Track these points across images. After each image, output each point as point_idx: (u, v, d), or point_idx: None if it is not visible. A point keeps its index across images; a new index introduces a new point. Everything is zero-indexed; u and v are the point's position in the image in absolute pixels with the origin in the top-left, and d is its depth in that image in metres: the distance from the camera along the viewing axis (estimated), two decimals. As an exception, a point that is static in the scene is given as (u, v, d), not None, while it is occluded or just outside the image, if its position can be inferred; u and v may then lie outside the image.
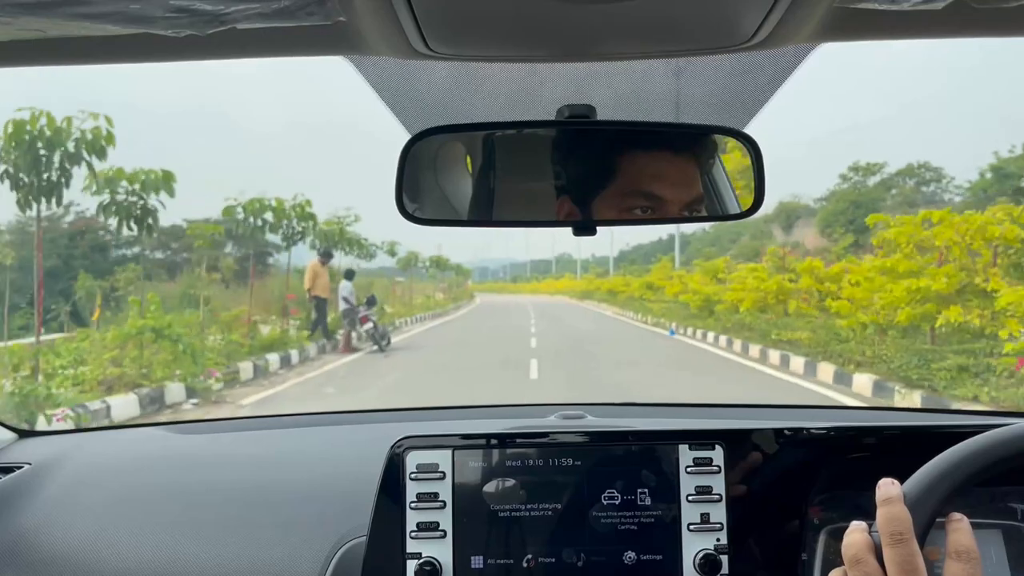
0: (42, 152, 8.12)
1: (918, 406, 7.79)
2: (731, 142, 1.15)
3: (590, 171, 1.11)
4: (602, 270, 69.76)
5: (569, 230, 1.11)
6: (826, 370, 10.30)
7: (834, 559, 1.16)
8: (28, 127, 8.05)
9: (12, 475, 1.43)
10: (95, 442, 1.66)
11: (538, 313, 31.83)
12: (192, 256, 17.30)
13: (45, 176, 8.21)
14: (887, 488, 0.81)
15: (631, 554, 1.14)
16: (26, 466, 1.45)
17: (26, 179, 8.15)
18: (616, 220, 1.10)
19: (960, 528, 0.78)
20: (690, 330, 18.83)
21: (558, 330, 21.59)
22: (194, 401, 8.94)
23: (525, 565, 1.13)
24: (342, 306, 14.60)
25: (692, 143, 1.17)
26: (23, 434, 1.63)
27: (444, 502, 1.14)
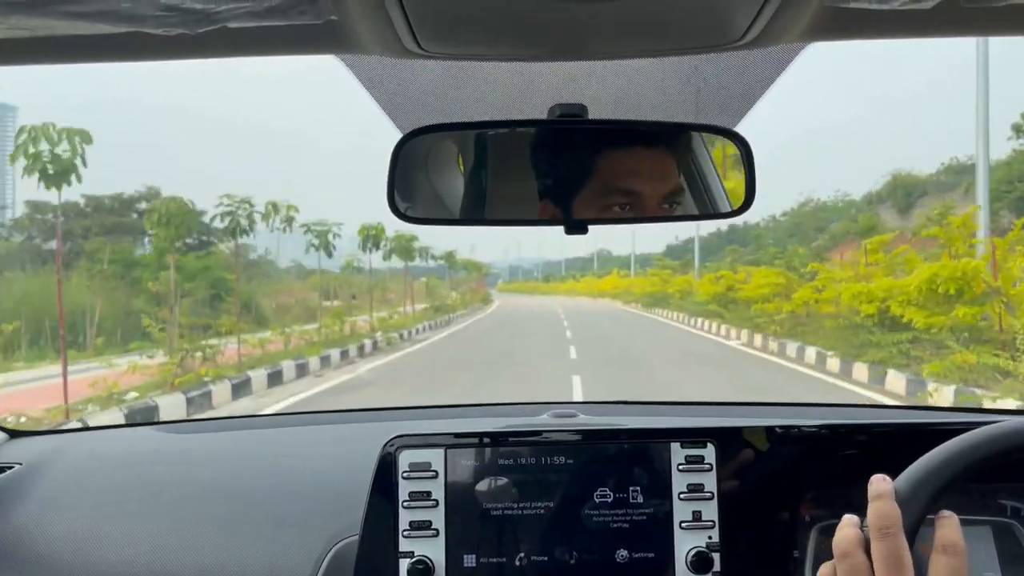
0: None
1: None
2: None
3: (579, 170, 1.11)
4: (677, 262, 44.47)
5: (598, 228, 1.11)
6: None
7: (825, 556, 1.15)
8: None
9: (3, 475, 1.42)
10: (86, 441, 1.65)
11: (588, 353, 15.15)
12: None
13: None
14: (878, 484, 0.82)
15: (623, 552, 1.14)
16: (17, 466, 1.45)
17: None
18: (599, 219, 1.11)
19: (948, 524, 0.79)
20: None
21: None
22: None
23: (518, 563, 1.14)
24: None
25: (670, 139, 1.17)
26: (14, 434, 1.62)
27: (437, 501, 1.14)
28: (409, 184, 1.11)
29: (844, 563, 0.79)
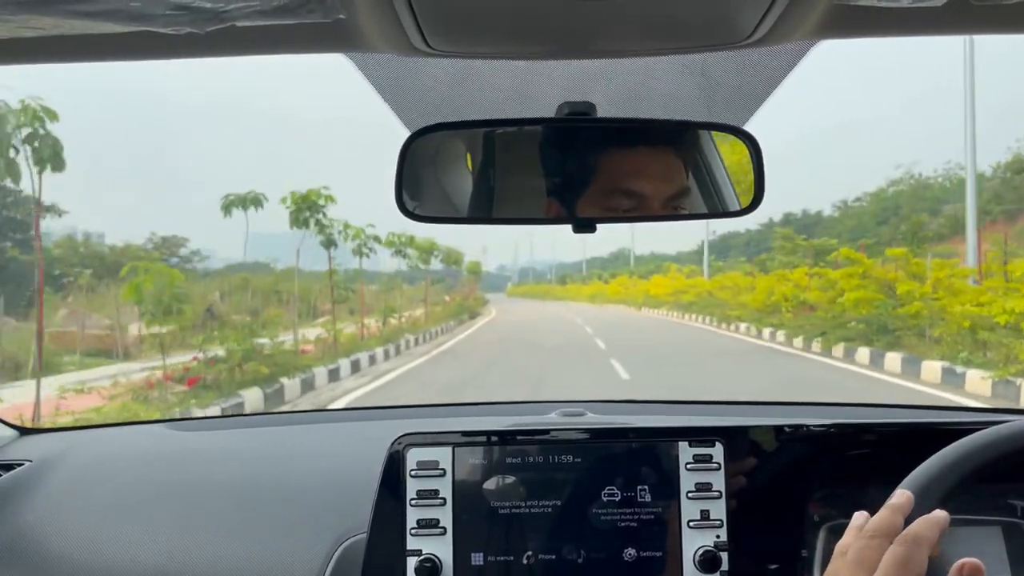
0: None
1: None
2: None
3: (586, 168, 1.11)
4: (868, 240, 22.61)
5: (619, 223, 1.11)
6: None
7: None
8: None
9: (12, 472, 1.43)
10: (96, 439, 1.66)
11: None
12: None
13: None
14: (895, 497, 0.85)
15: (631, 551, 1.14)
16: (27, 463, 1.46)
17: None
18: (604, 218, 1.11)
19: (923, 517, 0.80)
20: None
21: None
22: None
23: (525, 562, 1.14)
24: None
25: (678, 138, 1.17)
26: (24, 431, 1.63)
27: (444, 499, 1.14)
28: (417, 182, 1.11)
29: (834, 563, 0.83)
